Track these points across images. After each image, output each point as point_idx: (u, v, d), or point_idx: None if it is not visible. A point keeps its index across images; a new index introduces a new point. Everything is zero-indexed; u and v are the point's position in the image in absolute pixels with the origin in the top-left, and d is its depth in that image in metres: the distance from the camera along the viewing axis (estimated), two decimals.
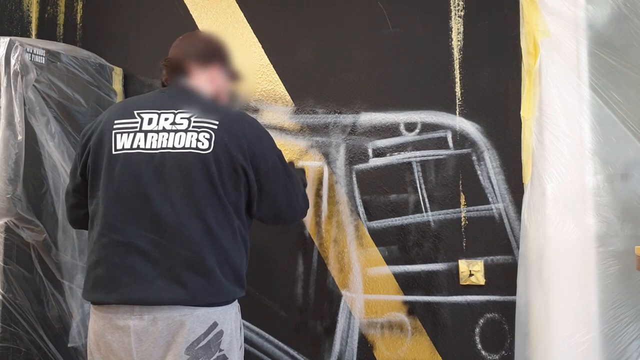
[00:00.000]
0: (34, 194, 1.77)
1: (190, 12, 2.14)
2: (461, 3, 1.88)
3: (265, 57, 2.05)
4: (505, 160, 1.80)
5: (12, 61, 1.72)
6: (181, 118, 1.30)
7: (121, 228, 1.26)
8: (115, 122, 1.33)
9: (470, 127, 1.85)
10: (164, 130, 1.29)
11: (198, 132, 1.28)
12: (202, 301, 1.25)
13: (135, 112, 1.34)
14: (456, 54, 1.87)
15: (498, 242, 1.79)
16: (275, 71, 2.04)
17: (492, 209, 1.81)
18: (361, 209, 1.92)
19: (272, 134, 2.06)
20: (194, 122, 1.29)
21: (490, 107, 1.83)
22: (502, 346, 1.78)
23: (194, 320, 1.23)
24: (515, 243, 1.77)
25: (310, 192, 1.97)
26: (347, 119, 1.96)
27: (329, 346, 1.92)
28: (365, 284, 1.90)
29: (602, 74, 1.55)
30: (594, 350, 1.50)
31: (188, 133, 1.28)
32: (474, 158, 1.84)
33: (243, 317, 2.00)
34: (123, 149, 1.30)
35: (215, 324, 1.26)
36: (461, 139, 1.85)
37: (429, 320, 1.84)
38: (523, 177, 1.71)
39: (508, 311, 1.75)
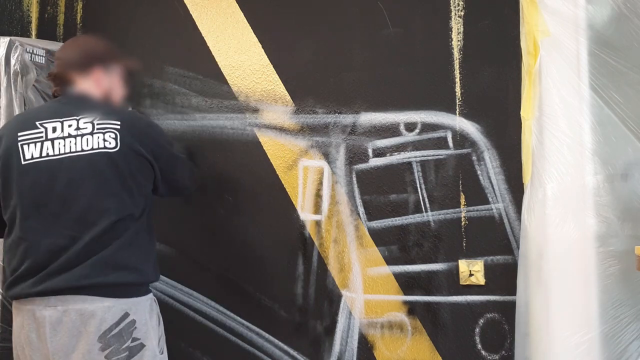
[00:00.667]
0: None
1: (190, 12, 2.14)
2: (461, 3, 1.88)
3: (265, 57, 2.05)
4: (505, 160, 1.80)
5: (12, 61, 1.72)
6: (84, 122, 1.39)
7: (41, 231, 1.34)
8: (19, 134, 1.40)
9: (470, 127, 1.85)
10: (69, 135, 1.38)
11: (103, 133, 1.38)
12: (112, 291, 1.33)
13: (37, 122, 1.40)
14: (456, 54, 1.87)
15: (498, 242, 1.79)
16: (275, 71, 2.04)
17: (492, 209, 1.81)
18: (361, 209, 1.92)
19: (272, 134, 2.07)
20: (97, 124, 1.39)
21: (490, 107, 1.83)
22: (502, 346, 1.78)
23: (105, 310, 1.31)
24: (515, 243, 1.77)
25: (310, 192, 1.97)
26: (347, 119, 1.96)
27: (329, 346, 1.92)
28: (365, 284, 1.90)
29: (602, 74, 1.55)
30: (594, 350, 1.50)
31: (94, 135, 1.38)
32: (474, 158, 1.84)
33: (242, 317, 2.01)
34: (32, 158, 1.37)
35: (126, 314, 1.34)
36: (461, 139, 1.85)
37: (429, 320, 1.84)
38: (523, 177, 1.71)
39: (508, 311, 1.75)
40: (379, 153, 1.92)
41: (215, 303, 2.03)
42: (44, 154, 1.37)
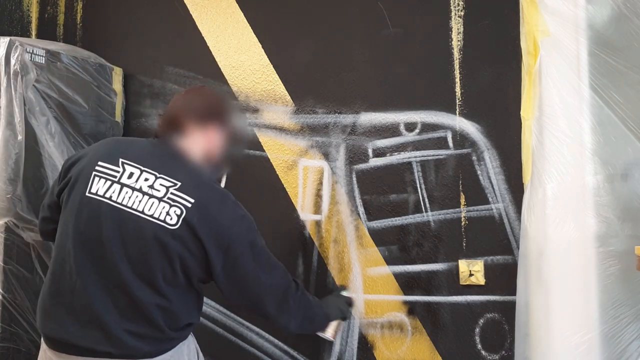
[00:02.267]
0: (34, 194, 1.77)
1: (190, 12, 2.14)
2: (461, 3, 1.88)
3: (265, 57, 2.05)
4: (505, 160, 1.80)
5: (12, 61, 1.71)
6: (160, 185, 1.30)
7: (75, 269, 1.28)
8: (99, 163, 1.34)
9: (470, 127, 1.85)
10: (140, 190, 1.30)
11: (170, 205, 1.28)
12: (147, 351, 1.27)
13: (120, 159, 1.34)
14: (456, 54, 1.87)
15: (498, 242, 1.79)
16: (275, 71, 2.04)
17: (492, 209, 1.81)
18: (361, 209, 1.92)
19: (272, 134, 2.07)
20: (171, 193, 1.29)
21: (490, 107, 1.83)
22: (502, 346, 1.78)
23: None
24: (515, 243, 1.77)
25: (310, 192, 1.97)
26: (347, 119, 1.96)
27: (329, 346, 1.92)
28: (365, 284, 1.90)
29: (602, 74, 1.55)
30: (594, 350, 1.50)
31: (161, 203, 1.28)
32: (474, 158, 1.84)
33: (243, 317, 2.00)
34: (96, 194, 1.31)
35: None
36: (461, 139, 1.85)
37: (429, 320, 1.84)
38: (523, 177, 1.71)
39: (508, 311, 1.75)
40: (379, 153, 1.92)
41: (215, 303, 2.03)
42: (107, 195, 1.30)
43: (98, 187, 1.31)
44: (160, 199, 1.28)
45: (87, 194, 1.31)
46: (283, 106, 2.02)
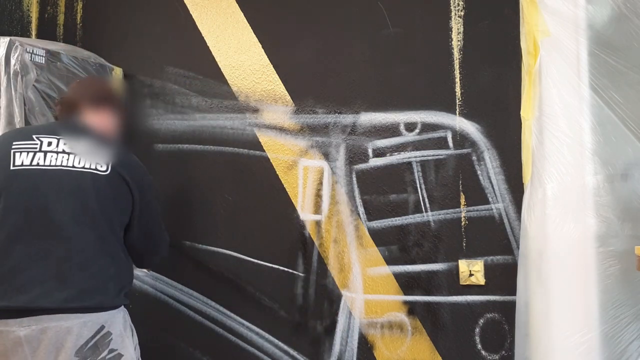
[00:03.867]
0: None
1: (190, 12, 2.14)
2: (461, 3, 1.88)
3: (265, 57, 2.05)
4: (505, 160, 1.80)
5: (12, 61, 1.71)
6: (80, 145, 1.45)
7: (16, 236, 1.35)
8: (14, 143, 1.44)
9: (470, 127, 1.85)
10: (63, 152, 1.43)
11: (97, 157, 1.44)
12: (90, 303, 1.35)
13: (33, 135, 1.45)
14: (456, 54, 1.87)
15: (498, 242, 1.79)
16: (275, 71, 2.04)
17: (492, 209, 1.81)
18: (361, 209, 1.92)
19: (272, 133, 2.07)
20: (92, 150, 1.45)
21: (490, 107, 1.83)
22: (502, 346, 1.78)
23: (81, 325, 1.33)
24: (515, 243, 1.77)
25: (310, 192, 1.97)
26: (347, 119, 1.96)
27: (329, 346, 1.92)
28: (365, 284, 1.90)
29: (602, 74, 1.55)
30: (594, 350, 1.50)
31: (87, 156, 1.43)
32: (474, 158, 1.84)
33: (242, 317, 2.00)
34: (22, 165, 1.40)
35: (102, 327, 1.36)
36: (461, 139, 1.85)
37: (429, 320, 1.84)
38: (523, 177, 1.71)
39: (508, 311, 1.75)
40: (379, 153, 1.92)
41: (215, 303, 2.03)
42: (34, 162, 1.40)
43: (22, 159, 1.41)
44: (84, 155, 1.43)
45: (12, 167, 1.40)
46: (283, 106, 2.02)
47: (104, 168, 1.43)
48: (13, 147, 1.43)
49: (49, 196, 1.37)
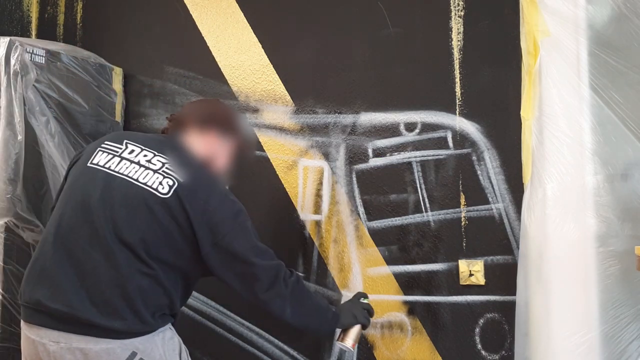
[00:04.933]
0: (34, 194, 1.77)
1: (190, 12, 2.14)
2: (461, 3, 1.88)
3: (265, 57, 2.05)
4: (505, 160, 1.80)
5: (12, 61, 1.72)
6: (157, 160, 1.37)
7: (64, 232, 1.31)
8: (105, 142, 1.43)
9: (470, 127, 1.85)
10: (138, 163, 1.36)
11: (164, 177, 1.33)
12: (118, 325, 1.25)
13: (125, 140, 1.42)
14: (456, 54, 1.87)
15: (498, 242, 1.79)
16: (275, 71, 2.04)
17: (492, 209, 1.81)
18: (361, 209, 1.92)
19: (272, 134, 2.07)
20: (167, 168, 1.35)
21: (490, 107, 1.83)
22: (502, 346, 1.78)
23: (110, 352, 1.24)
24: (515, 243, 1.77)
25: (310, 192, 1.97)
26: (347, 119, 1.96)
27: (329, 346, 1.92)
28: (365, 284, 1.90)
29: (602, 74, 1.55)
30: (594, 350, 1.50)
31: (155, 174, 1.33)
32: (474, 158, 1.84)
33: (243, 317, 2.00)
34: (97, 164, 1.37)
35: (134, 354, 1.26)
36: (461, 139, 1.85)
37: (429, 320, 1.84)
38: (523, 177, 1.71)
39: (508, 311, 1.75)
40: (379, 153, 1.92)
41: (215, 303, 2.03)
42: (107, 165, 1.36)
43: (100, 159, 1.38)
44: (155, 171, 1.34)
45: (88, 164, 1.38)
46: (283, 106, 2.02)
47: (165, 190, 1.31)
48: (102, 146, 1.41)
49: (102, 203, 1.30)
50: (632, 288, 1.48)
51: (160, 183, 1.32)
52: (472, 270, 1.80)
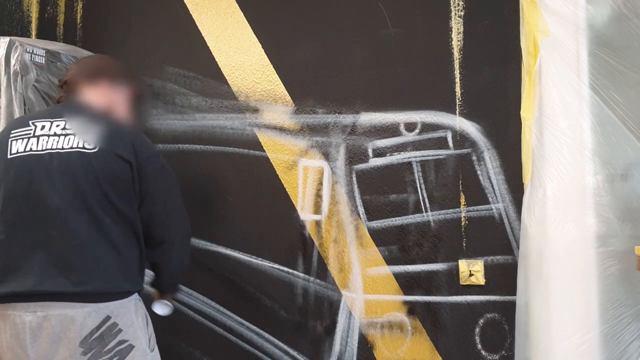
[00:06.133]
0: None
1: (190, 12, 2.14)
2: (461, 3, 1.88)
3: (265, 57, 2.05)
4: (505, 160, 1.80)
5: (12, 61, 1.72)
6: (72, 124, 1.42)
7: (17, 224, 1.36)
8: (12, 132, 1.45)
9: (470, 127, 1.85)
10: (54, 134, 1.40)
11: (83, 134, 1.40)
12: (91, 288, 1.32)
13: (30, 121, 1.45)
14: (456, 54, 1.87)
15: (498, 242, 1.79)
16: (275, 71, 2.04)
17: (492, 209, 1.81)
18: (361, 209, 1.92)
19: (272, 134, 2.07)
20: (84, 127, 1.41)
21: (490, 107, 1.83)
22: (502, 346, 1.78)
23: (85, 315, 1.30)
24: (515, 243, 1.77)
25: (310, 192, 1.97)
26: (347, 119, 1.96)
27: (329, 346, 1.92)
28: (365, 284, 1.90)
29: (602, 74, 1.55)
30: (594, 350, 1.50)
31: (76, 136, 1.40)
32: (474, 158, 1.84)
33: (243, 317, 2.00)
34: (17, 152, 1.41)
35: (108, 317, 1.33)
36: (461, 139, 1.85)
37: (429, 320, 1.84)
38: (523, 177, 1.72)
39: (508, 311, 1.75)
40: (379, 153, 1.92)
41: (215, 303, 2.03)
42: (27, 148, 1.40)
43: (17, 147, 1.41)
44: (74, 134, 1.40)
45: (9, 156, 1.41)
46: (283, 106, 2.02)
47: (91, 145, 1.39)
48: (11, 136, 1.44)
49: (42, 181, 1.35)
50: (632, 288, 1.48)
51: (85, 141, 1.39)
52: (472, 270, 1.80)
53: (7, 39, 1.72)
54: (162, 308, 1.62)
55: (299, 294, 1.95)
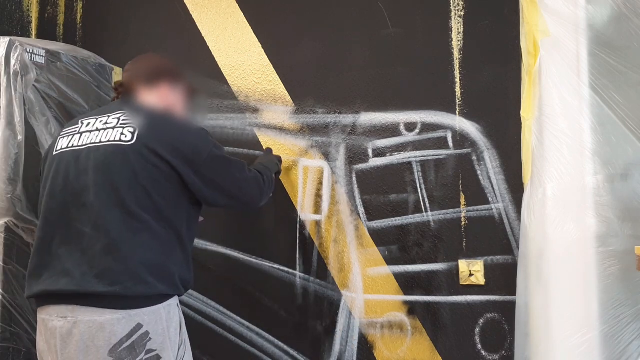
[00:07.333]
0: (33, 194, 1.77)
1: (190, 12, 2.14)
2: (461, 3, 1.88)
3: (265, 57, 2.05)
4: (505, 160, 1.80)
5: (12, 61, 1.72)
6: (113, 118, 1.39)
7: (54, 221, 1.34)
8: (63, 130, 1.47)
9: (470, 127, 1.85)
10: (96, 130, 1.38)
11: (124, 128, 1.35)
12: (119, 289, 1.24)
13: (80, 119, 1.45)
14: (456, 54, 1.87)
15: (498, 242, 1.79)
16: (275, 71, 2.04)
17: (492, 209, 1.81)
18: (361, 209, 1.92)
19: (272, 134, 2.07)
20: (123, 119, 1.37)
21: (490, 107, 1.83)
22: (502, 346, 1.78)
23: (114, 322, 1.23)
24: (515, 243, 1.77)
25: (310, 192, 1.97)
26: (347, 119, 1.96)
27: (329, 346, 1.92)
28: (365, 284, 1.90)
29: (602, 74, 1.55)
30: (594, 350, 1.50)
31: (115, 129, 1.35)
32: (474, 158, 1.84)
33: (243, 317, 2.01)
34: (60, 149, 1.41)
35: (139, 325, 1.25)
36: (461, 139, 1.85)
37: (429, 320, 1.84)
38: (523, 177, 1.71)
39: (508, 311, 1.75)
40: (379, 153, 1.92)
41: (215, 303, 2.03)
42: (69, 145, 1.39)
43: (62, 144, 1.41)
44: (114, 127, 1.35)
45: (54, 153, 1.41)
46: (283, 106, 2.02)
47: (128, 138, 1.32)
48: (61, 134, 1.44)
49: (78, 177, 1.32)
50: (632, 288, 1.48)
51: (122, 133, 1.33)
52: (472, 270, 1.80)
53: (7, 39, 1.72)
54: None
55: (299, 294, 1.95)
